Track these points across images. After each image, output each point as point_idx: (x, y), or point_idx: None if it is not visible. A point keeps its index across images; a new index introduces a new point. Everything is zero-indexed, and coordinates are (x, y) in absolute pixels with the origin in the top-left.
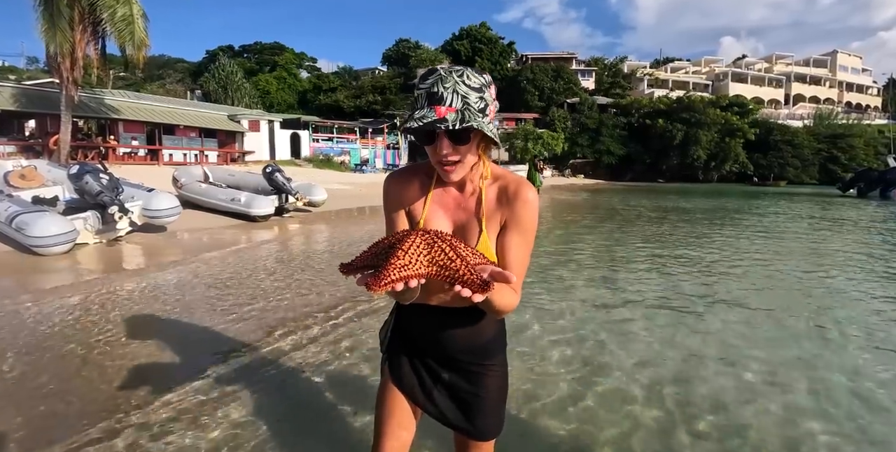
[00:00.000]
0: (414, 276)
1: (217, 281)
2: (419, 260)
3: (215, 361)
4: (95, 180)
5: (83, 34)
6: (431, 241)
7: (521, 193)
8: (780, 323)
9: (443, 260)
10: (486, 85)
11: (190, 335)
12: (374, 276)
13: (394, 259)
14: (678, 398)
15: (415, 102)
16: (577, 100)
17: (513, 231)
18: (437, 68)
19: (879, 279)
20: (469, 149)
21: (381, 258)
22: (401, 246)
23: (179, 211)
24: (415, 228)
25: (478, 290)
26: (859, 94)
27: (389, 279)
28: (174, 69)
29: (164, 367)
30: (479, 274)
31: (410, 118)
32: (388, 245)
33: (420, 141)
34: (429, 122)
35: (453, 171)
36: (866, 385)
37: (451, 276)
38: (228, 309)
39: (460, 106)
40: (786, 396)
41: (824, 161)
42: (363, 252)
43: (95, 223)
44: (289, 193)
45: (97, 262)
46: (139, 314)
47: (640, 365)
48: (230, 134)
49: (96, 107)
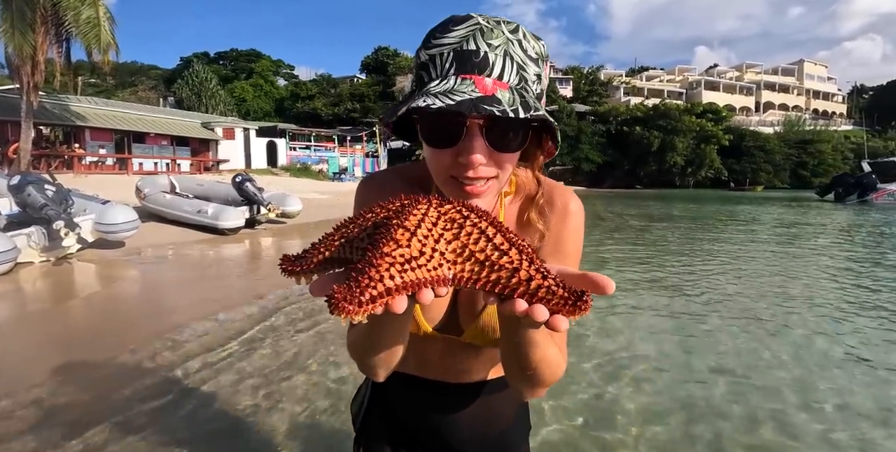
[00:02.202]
0: (429, 282)
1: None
2: (437, 249)
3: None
4: (39, 192)
5: (45, 37)
6: (460, 217)
7: (559, 202)
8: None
9: (485, 251)
10: (544, 57)
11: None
12: (348, 285)
13: (387, 246)
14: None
15: (426, 69)
16: (556, 107)
17: (550, 257)
18: (471, 15)
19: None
20: (512, 162)
21: (357, 245)
22: (401, 222)
23: (138, 225)
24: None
25: (564, 307)
26: (825, 102)
27: (382, 287)
28: (147, 76)
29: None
30: (559, 279)
31: (423, 93)
32: (374, 223)
33: (431, 137)
34: (466, 102)
35: (481, 195)
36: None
37: (502, 284)
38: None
39: (516, 82)
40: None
41: (795, 166)
42: (326, 235)
43: (41, 240)
44: (260, 204)
45: (39, 287)
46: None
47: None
48: (204, 142)
49: (61, 113)
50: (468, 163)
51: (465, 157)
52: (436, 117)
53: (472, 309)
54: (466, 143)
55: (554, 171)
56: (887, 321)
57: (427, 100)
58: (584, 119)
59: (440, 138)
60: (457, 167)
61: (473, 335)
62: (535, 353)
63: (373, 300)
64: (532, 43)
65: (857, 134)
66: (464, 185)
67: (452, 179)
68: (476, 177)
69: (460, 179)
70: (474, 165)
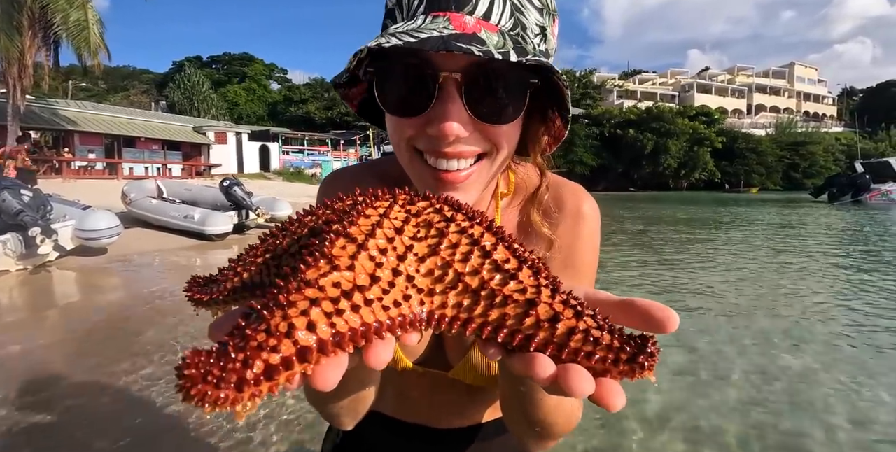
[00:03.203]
0: (386, 328)
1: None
2: (401, 269)
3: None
4: (15, 197)
5: (33, 40)
6: (439, 220)
7: (571, 205)
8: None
9: (482, 272)
10: (551, 11)
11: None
12: (226, 347)
13: (311, 269)
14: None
15: (391, 16)
16: None
17: (561, 273)
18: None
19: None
20: (508, 138)
21: (287, 264)
22: (344, 226)
23: (120, 231)
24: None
25: (617, 366)
26: (816, 104)
27: (285, 351)
28: (139, 80)
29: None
30: (605, 317)
31: (381, 35)
32: (313, 227)
33: (391, 100)
34: (433, 39)
35: (458, 189)
36: None
37: (510, 328)
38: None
39: (509, 26)
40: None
41: (787, 168)
42: (250, 247)
43: (17, 247)
44: (249, 209)
45: (13, 298)
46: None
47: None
48: (195, 146)
49: (49, 117)
50: (441, 135)
51: (437, 127)
52: (397, 71)
53: (461, 340)
54: (439, 107)
55: None
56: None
57: (381, 40)
58: (578, 122)
59: (403, 101)
60: (428, 141)
61: (463, 372)
62: (547, 402)
63: (268, 375)
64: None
65: (848, 135)
66: (437, 171)
67: (421, 161)
68: (455, 153)
69: (432, 161)
70: (448, 137)
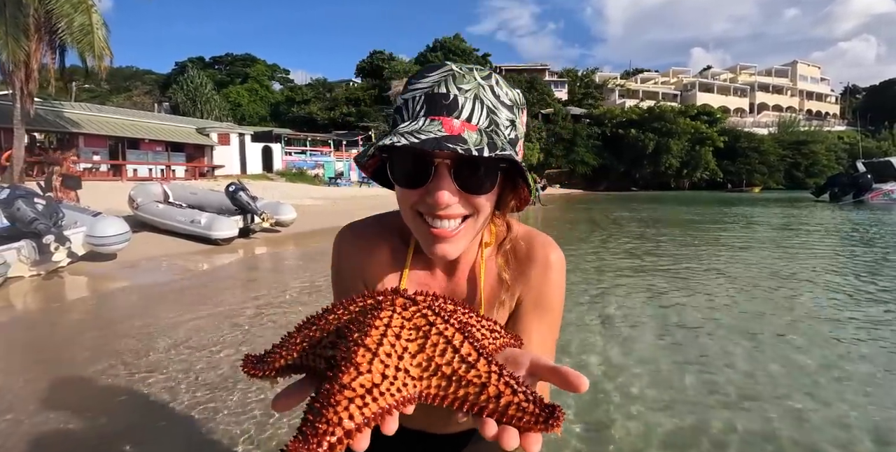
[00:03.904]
0: (391, 409)
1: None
2: (401, 367)
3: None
4: (29, 206)
5: (39, 44)
6: (425, 323)
7: (539, 255)
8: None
9: (452, 364)
10: (520, 106)
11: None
12: (303, 436)
13: (346, 374)
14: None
15: (399, 113)
16: (551, 110)
17: (531, 313)
18: (446, 63)
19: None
20: (485, 206)
21: (320, 353)
22: (361, 338)
23: (129, 237)
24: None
25: (535, 426)
26: (819, 103)
27: (340, 432)
28: (142, 81)
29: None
30: (531, 390)
31: (391, 133)
32: (336, 329)
33: (400, 177)
34: (430, 140)
35: (448, 241)
36: None
37: (470, 401)
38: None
39: (485, 125)
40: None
41: (789, 167)
42: (288, 335)
43: (31, 253)
44: (254, 213)
45: (27, 303)
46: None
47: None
48: (199, 147)
49: (54, 120)
50: (436, 203)
51: (433, 197)
52: (404, 157)
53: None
54: (434, 183)
55: (550, 174)
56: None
57: (394, 138)
58: (580, 122)
59: (409, 178)
60: (426, 207)
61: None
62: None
63: (331, 449)
64: (506, 90)
65: (851, 134)
66: (431, 228)
67: (421, 221)
68: (446, 216)
69: (429, 221)
70: (441, 205)
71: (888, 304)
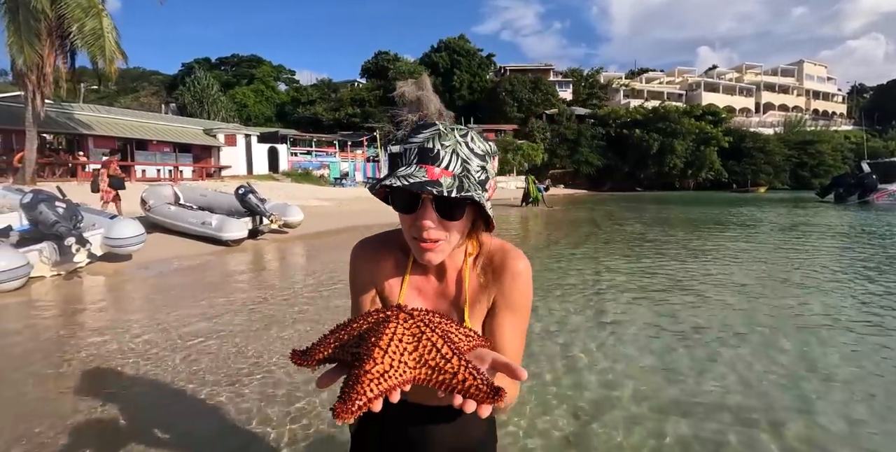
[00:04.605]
0: (396, 386)
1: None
2: (403, 360)
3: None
4: (50, 209)
5: (51, 48)
6: (418, 332)
7: (510, 265)
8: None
9: (435, 359)
10: (491, 154)
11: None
12: (342, 398)
13: (368, 364)
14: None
15: (401, 157)
16: (556, 111)
17: (503, 311)
18: (436, 122)
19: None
20: (458, 228)
21: (348, 350)
22: (377, 341)
23: (144, 239)
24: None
25: (486, 400)
26: (825, 102)
27: (365, 398)
28: (149, 82)
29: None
30: (485, 377)
31: (392, 175)
32: (359, 334)
33: (398, 206)
34: (416, 183)
35: (432, 251)
36: None
37: (446, 383)
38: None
39: (459, 171)
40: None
41: (795, 167)
42: (324, 336)
43: (52, 254)
44: (263, 215)
45: (51, 301)
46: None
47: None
48: (206, 148)
49: (65, 122)
50: (422, 227)
51: (419, 223)
52: (401, 192)
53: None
54: (421, 212)
55: (553, 174)
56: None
57: (393, 180)
58: (584, 122)
59: (404, 207)
60: (415, 229)
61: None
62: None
63: (360, 408)
64: (479, 143)
65: (858, 134)
66: (420, 242)
67: (414, 240)
68: (427, 237)
69: (419, 238)
70: (426, 228)
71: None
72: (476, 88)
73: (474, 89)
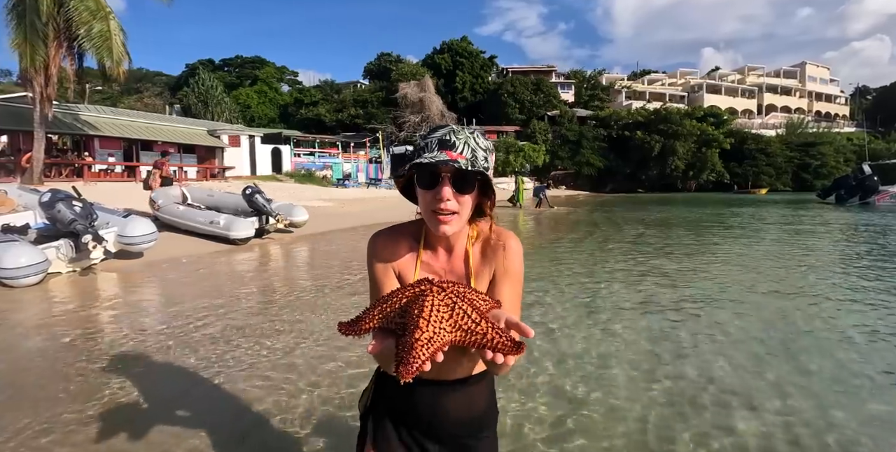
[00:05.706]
0: (439, 349)
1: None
2: (442, 327)
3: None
4: (68, 208)
5: (58, 50)
6: (451, 302)
7: (506, 244)
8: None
9: (467, 323)
10: (490, 150)
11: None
12: (403, 362)
13: (417, 332)
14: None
15: (422, 149)
16: (558, 112)
17: (503, 281)
18: (449, 124)
19: None
20: (469, 202)
21: (392, 320)
22: (420, 312)
23: (156, 237)
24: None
25: (511, 352)
26: (828, 104)
27: (419, 361)
28: (153, 82)
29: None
30: (509, 335)
31: (420, 157)
32: (401, 306)
33: (422, 183)
34: (440, 161)
35: (449, 222)
36: None
37: (477, 342)
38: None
39: (470, 156)
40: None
41: (796, 168)
42: (368, 310)
43: (68, 251)
44: (269, 215)
45: (68, 295)
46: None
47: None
48: (210, 149)
49: (71, 122)
50: (441, 198)
51: (439, 195)
52: (425, 171)
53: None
54: (440, 187)
55: (555, 175)
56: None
57: (421, 160)
58: (586, 123)
59: (427, 183)
60: (435, 202)
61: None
62: (504, 369)
63: (417, 369)
64: (481, 140)
65: (860, 136)
66: (438, 216)
67: (432, 213)
68: (445, 209)
69: (437, 212)
70: (444, 200)
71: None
72: (478, 90)
73: (476, 91)
